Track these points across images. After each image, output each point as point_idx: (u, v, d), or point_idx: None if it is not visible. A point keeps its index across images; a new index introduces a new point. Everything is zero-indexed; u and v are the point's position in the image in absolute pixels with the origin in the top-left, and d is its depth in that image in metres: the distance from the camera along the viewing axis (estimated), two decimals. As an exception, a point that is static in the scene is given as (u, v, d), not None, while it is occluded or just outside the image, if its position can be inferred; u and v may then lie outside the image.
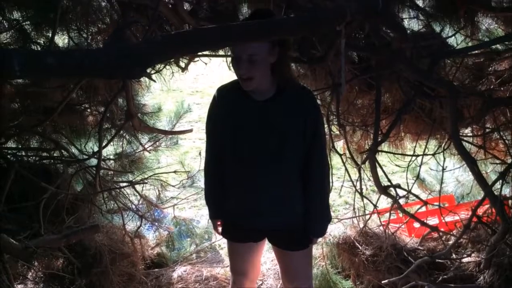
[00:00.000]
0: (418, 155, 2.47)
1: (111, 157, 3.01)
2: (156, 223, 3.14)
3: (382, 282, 2.38)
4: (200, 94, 9.20)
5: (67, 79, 2.32)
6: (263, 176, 1.89)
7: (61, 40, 2.73)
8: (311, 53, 2.13)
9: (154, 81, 1.26)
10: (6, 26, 2.50)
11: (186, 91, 9.18)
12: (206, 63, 2.91)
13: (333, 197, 4.41)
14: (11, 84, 2.65)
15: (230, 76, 1.99)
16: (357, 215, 2.82)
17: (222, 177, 2.02)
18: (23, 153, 2.62)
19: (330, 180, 2.06)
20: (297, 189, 1.93)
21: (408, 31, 2.30)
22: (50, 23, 2.48)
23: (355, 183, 2.66)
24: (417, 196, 2.38)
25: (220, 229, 2.17)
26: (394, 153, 2.65)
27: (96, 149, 2.65)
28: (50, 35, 2.55)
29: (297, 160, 1.89)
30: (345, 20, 1.46)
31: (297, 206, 1.96)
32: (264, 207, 1.94)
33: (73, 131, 2.92)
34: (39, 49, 2.53)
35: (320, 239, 2.79)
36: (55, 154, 2.66)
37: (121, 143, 3.02)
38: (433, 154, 2.47)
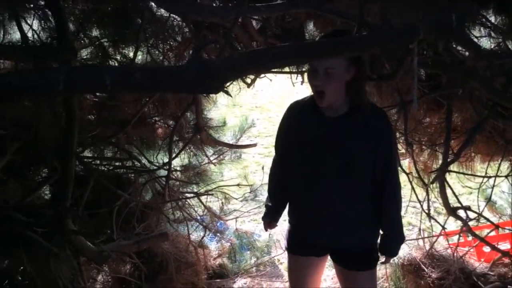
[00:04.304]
0: (490, 177, 2.38)
1: (178, 168, 3.12)
2: (219, 234, 3.21)
3: (450, 306, 2.29)
4: (260, 110, 9.32)
5: (152, 94, 2.45)
6: (328, 196, 1.89)
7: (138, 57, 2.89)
8: (380, 70, 2.13)
9: (231, 96, 1.30)
10: (87, 42, 2.68)
11: (246, 106, 9.33)
12: (271, 80, 2.97)
13: (395, 217, 4.31)
14: (89, 98, 2.83)
15: (289, 92, 2.03)
16: (423, 236, 2.74)
17: (285, 184, 2.06)
18: (98, 162, 2.78)
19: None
20: (363, 210, 1.92)
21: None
22: (127, 40, 2.65)
23: (421, 203, 2.60)
24: (488, 220, 2.29)
25: (269, 229, 2.24)
26: (465, 174, 2.56)
27: (165, 160, 2.76)
28: (126, 51, 2.72)
29: (366, 180, 1.88)
30: (418, 38, 1.46)
31: (362, 227, 1.94)
32: (326, 226, 1.94)
33: (144, 142, 3.06)
34: (116, 64, 2.70)
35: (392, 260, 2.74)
36: (127, 164, 2.80)
37: (187, 155, 3.13)
38: (506, 176, 2.37)
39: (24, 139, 2.20)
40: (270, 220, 2.21)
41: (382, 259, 2.09)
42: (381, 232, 2.00)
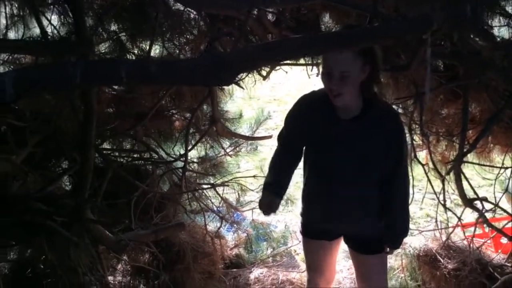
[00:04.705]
0: (507, 168, 2.35)
1: (195, 160, 3.16)
2: (235, 225, 3.25)
3: (466, 297, 2.29)
4: (277, 102, 9.29)
5: (166, 86, 2.49)
6: (341, 190, 1.94)
7: (153, 50, 2.93)
8: (394, 61, 2.12)
9: (243, 88, 1.33)
10: (105, 37, 2.72)
11: (264, 99, 9.32)
12: (286, 72, 2.97)
13: (413, 209, 4.29)
14: (107, 91, 2.88)
15: (307, 84, 2.03)
16: (439, 227, 2.73)
17: (286, 173, 2.11)
18: (117, 154, 2.83)
19: (411, 192, 2.06)
20: (375, 202, 1.97)
21: (499, 39, 2.22)
22: (144, 34, 2.69)
23: (438, 195, 2.59)
24: (504, 210, 2.27)
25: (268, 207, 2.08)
26: (481, 165, 2.54)
27: (182, 152, 2.80)
28: (143, 45, 2.76)
29: (376, 178, 1.93)
30: (431, 29, 1.45)
31: (374, 217, 1.99)
32: (341, 217, 2.00)
33: (161, 135, 3.11)
34: (133, 58, 2.74)
35: (396, 251, 2.76)
36: (145, 156, 2.85)
37: (204, 147, 3.16)
38: (524, 167, 2.35)
39: (44, 133, 2.27)
40: (269, 200, 2.06)
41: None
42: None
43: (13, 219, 1.67)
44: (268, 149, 6.34)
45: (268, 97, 9.58)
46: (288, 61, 2.66)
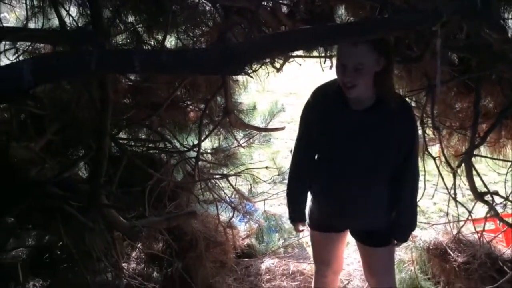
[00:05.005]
0: (519, 161, 2.34)
1: (209, 151, 3.21)
2: (248, 216, 3.29)
3: (474, 290, 2.30)
4: (295, 96, 9.30)
5: (178, 75, 2.53)
6: (352, 183, 1.95)
7: (169, 42, 2.98)
8: (406, 53, 2.13)
9: (252, 77, 1.37)
10: (122, 28, 2.78)
11: (281, 92, 9.33)
12: (300, 64, 2.99)
13: (427, 204, 4.29)
14: (124, 82, 2.94)
15: (324, 78, 2.04)
16: (449, 221, 2.73)
17: (309, 180, 2.10)
18: (132, 143, 2.89)
19: (422, 186, 2.08)
20: (384, 195, 1.98)
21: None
22: (160, 26, 2.73)
23: (449, 189, 2.59)
24: (515, 204, 2.27)
25: (301, 228, 2.23)
26: (491, 158, 2.53)
27: (196, 142, 2.85)
28: (160, 37, 2.81)
29: (389, 169, 1.94)
30: (440, 21, 1.46)
31: (382, 210, 2.01)
32: (350, 210, 2.02)
33: (176, 126, 3.16)
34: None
35: (403, 245, 2.77)
36: (160, 146, 2.91)
37: (218, 138, 3.21)
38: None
39: (63, 121, 2.34)
40: (301, 221, 2.20)
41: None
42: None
43: (31, 202, 1.74)
44: (284, 142, 6.41)
45: (285, 90, 9.60)
46: (301, 53, 2.68)
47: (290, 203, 2.19)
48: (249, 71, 2.79)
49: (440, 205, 4.35)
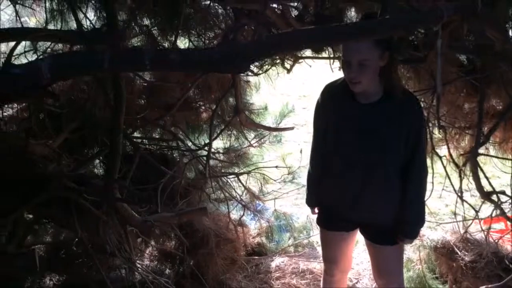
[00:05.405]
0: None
1: (220, 150, 3.28)
2: (258, 214, 3.35)
3: (480, 288, 2.31)
4: (308, 99, 9.34)
5: (187, 72, 2.61)
6: (361, 176, 1.97)
7: (183, 44, 3.06)
8: (410, 53, 2.17)
9: (257, 75, 1.42)
10: (138, 31, 2.87)
11: (294, 95, 9.38)
12: (310, 66, 3.05)
13: (438, 205, 4.29)
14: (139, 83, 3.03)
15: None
16: (457, 220, 2.75)
17: (324, 169, 2.14)
18: (146, 142, 2.98)
19: (430, 187, 2.09)
20: (394, 189, 1.99)
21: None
22: (174, 29, 2.82)
23: (457, 190, 2.60)
24: (522, 204, 2.28)
25: (316, 211, 2.29)
26: (497, 157, 2.55)
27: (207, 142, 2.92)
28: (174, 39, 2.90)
29: (397, 163, 1.95)
30: (441, 21, 1.51)
31: (391, 205, 2.02)
32: (360, 203, 2.03)
33: (189, 126, 3.24)
34: (164, 51, 2.87)
35: (411, 244, 2.79)
36: (172, 145, 2.99)
37: (229, 138, 3.28)
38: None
39: (79, 120, 2.43)
40: (316, 206, 2.29)
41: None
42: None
43: (48, 195, 1.82)
44: (296, 144, 6.45)
45: (298, 93, 9.64)
46: (309, 54, 2.74)
47: (308, 191, 2.28)
48: (259, 72, 2.88)
49: (452, 207, 4.32)
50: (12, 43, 1.74)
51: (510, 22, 2.21)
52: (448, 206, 4.37)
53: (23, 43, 2.39)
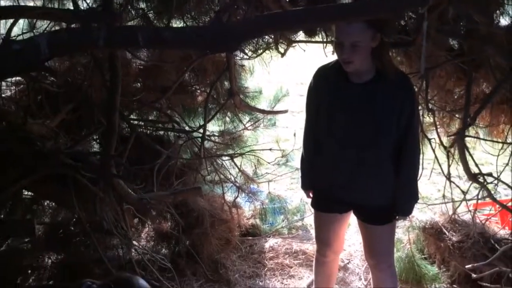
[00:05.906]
0: (510, 143, 2.42)
1: (215, 133, 3.34)
2: (252, 196, 3.41)
3: (466, 267, 2.38)
4: (305, 86, 9.34)
5: (180, 50, 2.64)
6: (355, 157, 2.01)
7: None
8: (399, 37, 2.21)
9: (247, 54, 1.46)
10: (134, 14, 2.90)
11: (291, 82, 9.40)
12: (304, 50, 3.08)
13: (431, 191, 4.36)
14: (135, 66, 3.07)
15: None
16: (445, 202, 2.82)
17: (316, 151, 2.17)
18: (142, 124, 3.03)
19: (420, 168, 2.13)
20: (387, 169, 2.03)
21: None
22: (170, 12, 2.85)
23: (445, 173, 2.66)
24: (507, 184, 2.35)
25: (311, 195, 2.31)
26: (483, 139, 2.61)
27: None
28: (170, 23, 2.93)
29: (390, 143, 1.99)
30: (427, 4, 1.55)
31: (384, 186, 2.06)
32: (353, 184, 2.07)
33: (184, 109, 3.29)
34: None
35: (406, 221, 2.86)
36: (168, 127, 3.04)
37: (224, 121, 3.33)
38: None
39: (76, 100, 2.48)
40: (310, 189, 2.30)
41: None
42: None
43: (46, 171, 1.88)
44: (292, 130, 6.49)
45: (295, 80, 9.66)
46: (303, 38, 2.78)
47: (302, 174, 2.29)
48: (253, 55, 2.92)
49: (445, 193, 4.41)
50: (10, 21, 1.79)
51: (499, 7, 2.27)
52: (440, 191, 4.41)
53: (20, 24, 2.44)
